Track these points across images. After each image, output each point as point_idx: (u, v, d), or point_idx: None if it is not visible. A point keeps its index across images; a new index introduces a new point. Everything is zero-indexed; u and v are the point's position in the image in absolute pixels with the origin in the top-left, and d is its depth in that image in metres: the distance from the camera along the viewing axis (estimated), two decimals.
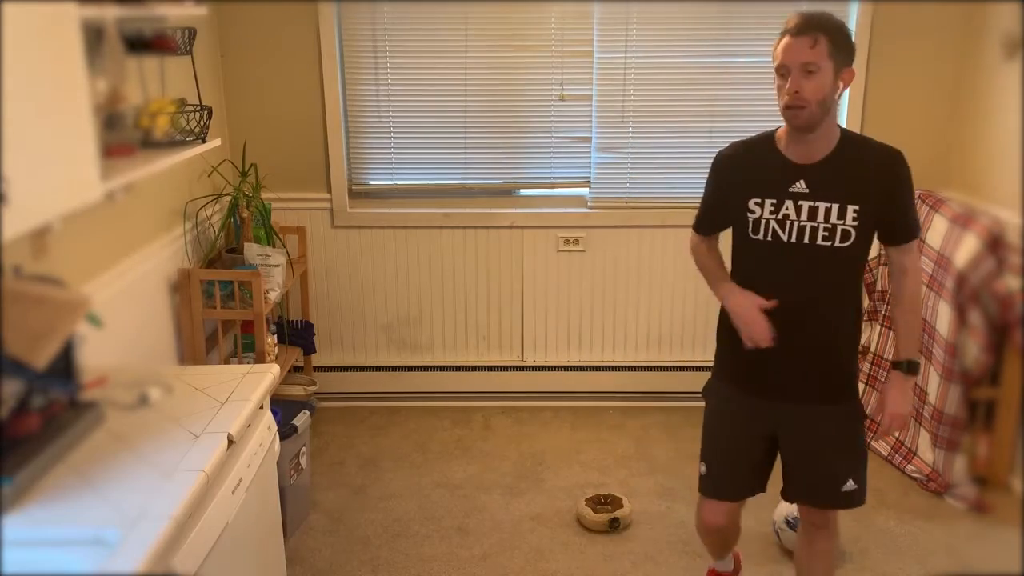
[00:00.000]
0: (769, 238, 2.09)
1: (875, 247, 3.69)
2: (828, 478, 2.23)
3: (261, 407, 2.11)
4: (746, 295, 2.13)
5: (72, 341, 1.75)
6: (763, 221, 2.09)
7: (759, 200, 2.09)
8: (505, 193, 3.88)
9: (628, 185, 3.81)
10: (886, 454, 3.47)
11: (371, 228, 3.85)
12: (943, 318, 3.17)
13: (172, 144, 2.53)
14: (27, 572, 1.41)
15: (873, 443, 3.55)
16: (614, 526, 3.01)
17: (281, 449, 2.37)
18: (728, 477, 2.33)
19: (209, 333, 3.20)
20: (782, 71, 1.99)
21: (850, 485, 2.22)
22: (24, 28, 1.54)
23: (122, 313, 2.63)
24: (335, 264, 3.89)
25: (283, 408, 2.93)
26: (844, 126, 3.65)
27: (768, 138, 2.14)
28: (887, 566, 2.83)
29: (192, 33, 2.73)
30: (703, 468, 2.34)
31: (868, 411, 3.22)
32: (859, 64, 3.61)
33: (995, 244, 3.00)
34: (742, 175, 2.15)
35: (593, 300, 3.90)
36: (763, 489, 2.35)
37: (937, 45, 3.61)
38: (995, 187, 3.35)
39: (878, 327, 3.68)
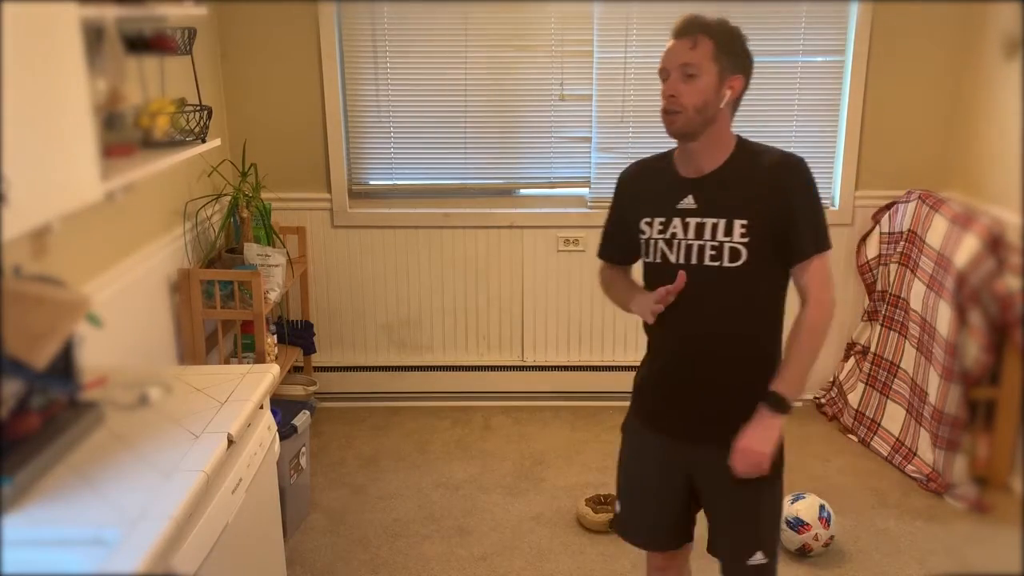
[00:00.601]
0: (658, 259, 1.89)
1: (875, 247, 3.72)
2: (733, 543, 1.99)
3: (261, 407, 2.11)
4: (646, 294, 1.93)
5: (72, 341, 1.75)
6: (652, 242, 1.90)
7: (649, 219, 1.91)
8: (505, 193, 3.88)
9: None
10: (886, 454, 3.47)
11: (371, 228, 3.85)
12: (943, 318, 3.17)
13: (172, 144, 2.53)
14: (27, 572, 1.41)
15: (872, 443, 3.55)
16: (614, 526, 3.01)
17: (281, 449, 2.37)
18: (640, 521, 2.10)
19: (209, 333, 3.20)
20: (662, 74, 1.86)
21: (757, 559, 1.95)
22: (24, 28, 1.54)
23: (122, 313, 2.63)
24: (335, 264, 3.89)
25: (283, 408, 2.93)
26: (844, 124, 3.70)
27: (669, 153, 1.98)
28: (887, 566, 2.84)
29: (192, 33, 2.73)
30: (617, 506, 2.14)
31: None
32: (859, 64, 3.62)
33: (995, 244, 3.00)
34: (638, 193, 1.98)
35: (593, 300, 3.90)
36: (688, 539, 2.11)
37: (937, 45, 3.61)
38: (995, 187, 3.35)
39: (878, 327, 3.69)
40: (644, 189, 1.97)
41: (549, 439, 3.68)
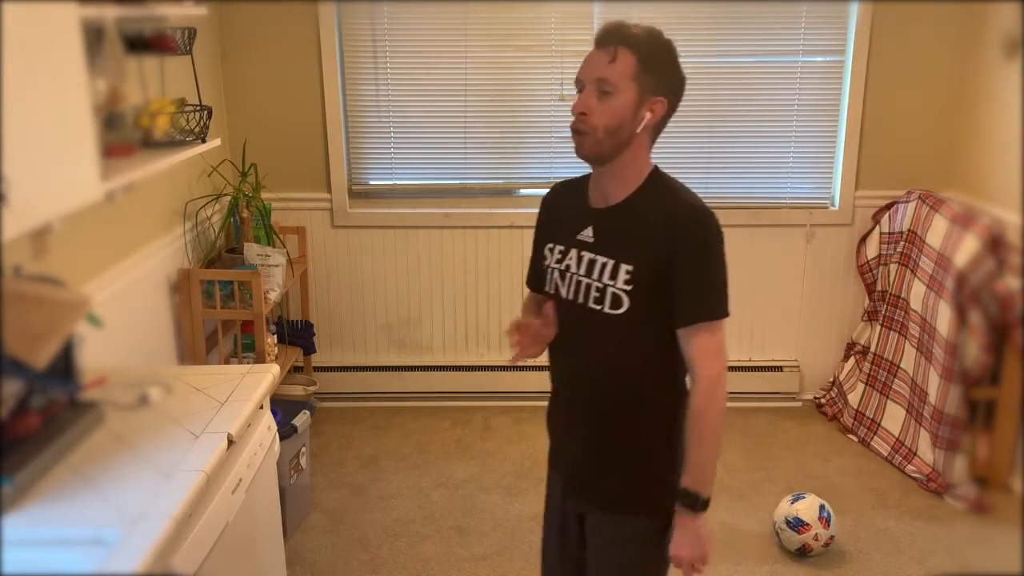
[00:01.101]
0: (551, 290, 1.74)
1: (874, 247, 3.72)
2: None
3: (261, 407, 2.11)
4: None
5: (72, 341, 1.75)
6: (549, 270, 1.74)
7: (552, 245, 1.75)
8: (505, 193, 3.88)
9: None
10: (886, 454, 3.47)
11: (371, 228, 3.85)
12: (943, 318, 3.17)
13: (172, 144, 2.53)
14: (27, 572, 1.41)
15: (872, 443, 3.55)
16: None
17: (281, 449, 2.37)
18: (548, 568, 1.96)
19: (209, 333, 3.20)
20: (577, 84, 1.65)
21: None
22: (24, 28, 1.54)
23: (122, 313, 2.63)
24: (335, 264, 3.89)
25: (283, 408, 2.93)
26: (844, 124, 3.70)
27: (580, 178, 1.80)
28: (887, 566, 2.84)
29: (192, 33, 2.73)
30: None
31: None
32: (859, 64, 3.62)
33: (995, 244, 3.00)
34: (550, 216, 1.81)
35: None
36: None
37: (937, 45, 3.61)
38: (995, 187, 3.35)
39: (878, 327, 3.69)
40: (556, 212, 1.78)
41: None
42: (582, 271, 1.68)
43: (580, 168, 1.79)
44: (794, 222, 3.82)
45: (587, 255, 1.68)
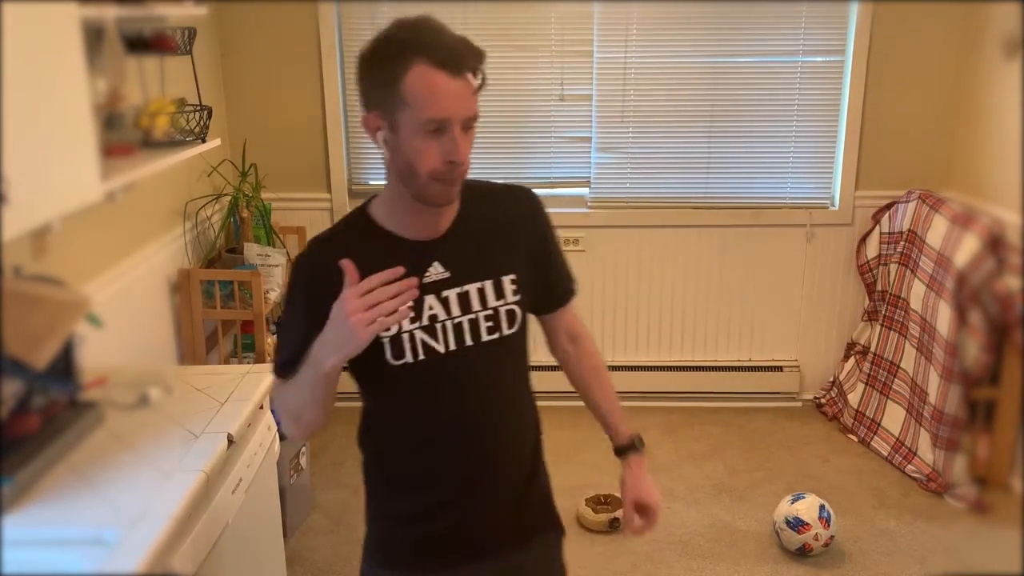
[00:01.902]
0: (421, 356, 1.41)
1: (874, 247, 3.72)
2: None
3: (261, 407, 2.11)
4: (334, 313, 1.29)
5: (72, 341, 1.75)
6: (404, 337, 1.40)
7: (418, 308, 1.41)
8: None
9: (628, 185, 3.81)
10: (886, 454, 3.47)
11: None
12: (943, 318, 3.17)
13: (172, 144, 2.53)
14: (27, 572, 1.41)
15: (872, 443, 3.55)
16: (614, 526, 3.01)
17: (281, 449, 2.37)
18: None
19: (209, 333, 3.20)
20: (438, 124, 1.31)
21: None
22: (24, 28, 1.54)
23: (122, 313, 2.63)
24: None
25: None
26: (844, 124, 3.70)
27: (362, 219, 1.47)
28: (887, 566, 2.84)
29: (192, 33, 2.73)
30: None
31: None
32: (859, 64, 3.62)
33: (995, 244, 3.00)
34: (333, 282, 1.30)
35: (593, 300, 3.90)
36: None
37: (937, 45, 3.61)
38: (995, 187, 3.35)
39: (878, 327, 3.69)
40: (363, 273, 1.29)
41: (549, 439, 3.67)
42: (455, 312, 1.43)
43: (580, 168, 1.76)
44: (794, 222, 3.82)
45: (452, 292, 1.43)
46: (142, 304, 2.81)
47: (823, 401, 3.91)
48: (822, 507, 2.85)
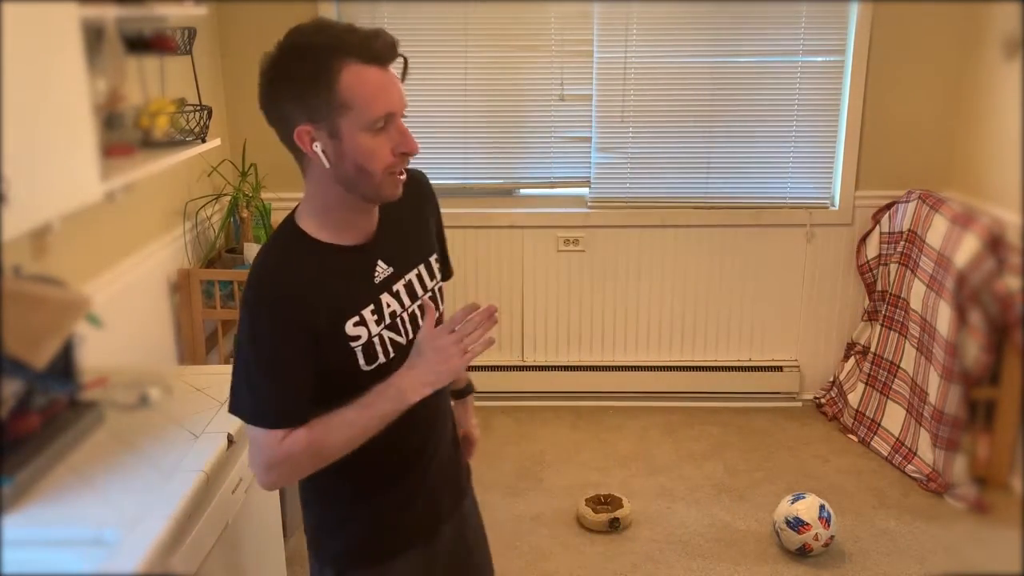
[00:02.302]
0: (392, 354, 1.44)
1: (875, 247, 3.72)
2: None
3: None
4: (415, 356, 1.38)
5: (72, 341, 1.75)
6: (375, 340, 1.42)
7: (357, 319, 1.40)
8: (505, 193, 3.88)
9: (628, 185, 3.81)
10: (886, 454, 3.47)
11: None
12: (943, 318, 3.17)
13: (172, 144, 2.53)
14: (27, 572, 1.41)
15: (872, 443, 3.56)
16: (614, 526, 3.01)
17: None
18: None
19: (209, 333, 3.20)
20: (382, 123, 1.36)
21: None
22: (24, 28, 1.54)
23: (122, 313, 2.63)
24: None
25: None
26: (844, 124, 3.70)
27: (296, 236, 1.40)
28: (887, 566, 2.84)
29: (192, 33, 2.73)
30: None
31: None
32: (859, 64, 3.62)
33: (995, 244, 3.00)
34: (316, 299, 1.36)
35: (593, 300, 3.90)
36: None
37: (937, 45, 3.61)
38: (995, 187, 3.35)
39: (878, 327, 3.69)
40: (326, 290, 1.37)
41: (549, 439, 3.68)
42: (407, 302, 1.48)
43: (580, 168, 1.76)
44: (794, 222, 3.82)
45: (398, 285, 1.47)
46: (142, 304, 2.81)
47: (823, 401, 3.91)
48: (822, 507, 2.85)
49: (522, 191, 3.88)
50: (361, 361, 1.41)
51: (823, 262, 3.87)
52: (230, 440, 1.83)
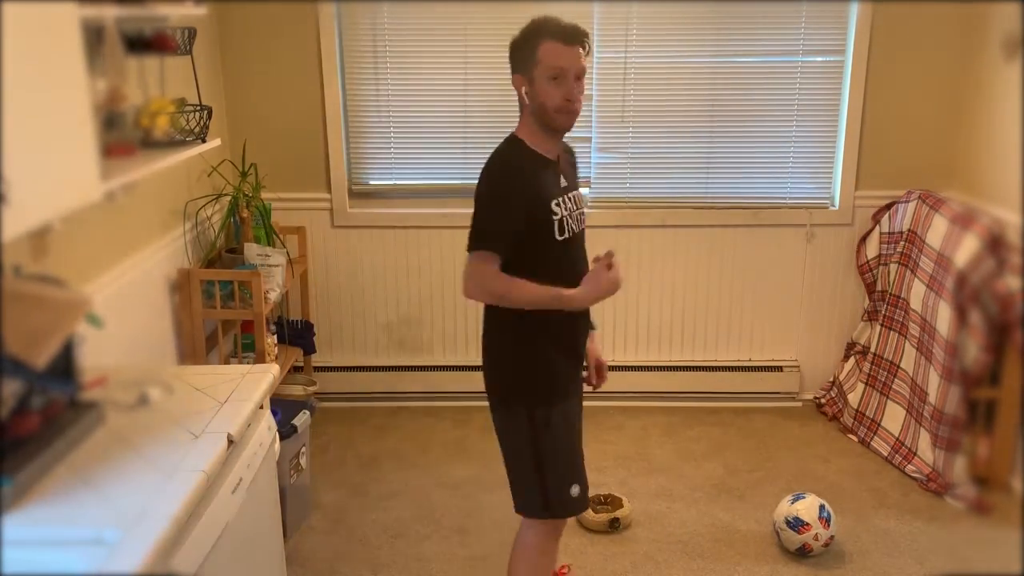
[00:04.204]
0: (568, 234, 2.15)
1: (875, 247, 3.72)
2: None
3: (261, 407, 2.11)
4: (586, 282, 2.08)
5: (72, 341, 1.75)
6: (564, 220, 2.13)
7: (557, 201, 2.12)
8: None
9: (628, 185, 3.81)
10: (886, 454, 3.47)
11: (371, 228, 3.85)
12: (943, 318, 3.17)
13: (172, 144, 2.53)
14: (27, 572, 1.41)
15: (872, 443, 3.56)
16: (614, 526, 3.01)
17: (281, 449, 2.37)
18: (587, 484, 2.29)
19: (209, 333, 3.20)
20: (557, 74, 2.04)
21: None
22: (24, 28, 1.54)
23: (122, 313, 2.63)
24: (335, 264, 3.89)
25: (283, 408, 2.93)
26: (844, 124, 3.70)
27: (517, 142, 2.16)
28: (887, 566, 2.84)
29: (192, 33, 2.73)
30: (576, 490, 2.23)
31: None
32: (859, 64, 3.63)
33: (995, 244, 3.00)
34: (538, 182, 2.11)
35: None
36: None
37: (937, 45, 3.61)
38: (995, 187, 3.35)
39: (878, 327, 3.69)
40: (538, 177, 2.13)
41: None
42: (574, 208, 2.18)
43: (582, 167, 1.83)
44: (794, 222, 3.82)
45: (569, 194, 2.17)
46: (142, 304, 2.81)
47: (823, 401, 3.91)
48: (822, 507, 2.85)
49: None
50: (555, 231, 2.11)
51: (823, 262, 3.87)
52: (230, 440, 1.83)
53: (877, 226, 3.74)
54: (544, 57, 2.05)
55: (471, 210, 4.17)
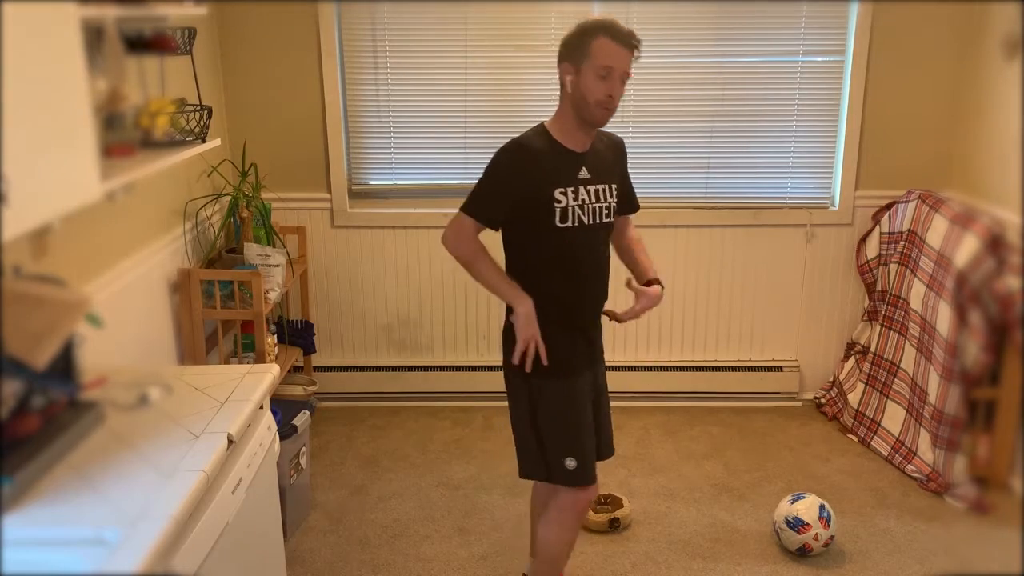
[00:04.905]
0: (575, 223, 2.23)
1: (875, 247, 3.72)
2: (608, 428, 2.52)
3: (261, 407, 2.11)
4: (527, 319, 2.23)
5: (72, 341, 1.75)
6: (569, 208, 2.21)
7: (563, 190, 2.21)
8: None
9: None
10: (886, 454, 3.47)
11: (371, 228, 3.85)
12: (943, 318, 3.17)
13: (172, 144, 2.53)
14: (27, 572, 1.41)
15: (872, 443, 3.56)
16: (614, 526, 3.01)
17: (281, 449, 2.37)
18: (592, 456, 2.38)
19: (209, 333, 3.20)
20: (604, 73, 2.13)
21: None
22: (24, 28, 1.54)
23: (122, 313, 2.63)
24: (335, 264, 3.89)
25: (283, 408, 2.93)
26: (844, 124, 3.70)
27: (542, 130, 2.26)
28: (887, 566, 2.84)
29: (192, 33, 2.73)
30: (572, 463, 2.31)
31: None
32: (859, 64, 3.63)
33: (995, 244, 3.00)
34: (546, 168, 2.21)
35: None
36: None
37: (937, 45, 3.61)
38: (995, 187, 3.35)
39: (878, 327, 3.68)
40: (549, 163, 2.21)
41: None
42: (593, 199, 2.25)
43: None
44: (794, 222, 3.82)
45: (592, 186, 2.26)
46: (142, 304, 2.81)
47: (823, 401, 3.91)
48: (822, 507, 2.85)
49: None
50: (557, 219, 2.20)
51: (823, 262, 3.87)
52: (230, 440, 1.83)
53: (877, 226, 3.74)
54: (596, 52, 2.13)
55: None
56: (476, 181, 2.26)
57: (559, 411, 2.31)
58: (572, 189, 2.21)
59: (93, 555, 1.43)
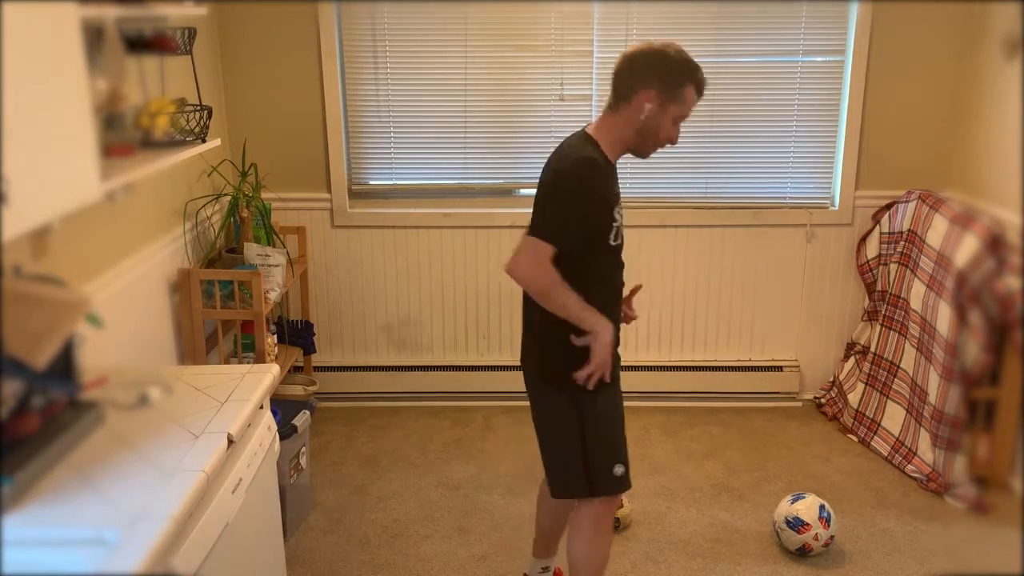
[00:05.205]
0: (620, 241, 2.24)
1: (875, 247, 3.72)
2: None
3: (261, 407, 2.11)
4: (603, 342, 2.15)
5: (72, 341, 1.75)
6: (620, 227, 2.23)
7: (619, 208, 2.23)
8: (505, 193, 3.88)
9: (628, 185, 3.81)
10: (886, 454, 3.47)
11: (371, 228, 3.85)
12: (943, 318, 3.17)
13: (172, 144, 2.53)
14: (27, 572, 1.41)
15: (872, 443, 3.56)
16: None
17: (281, 449, 2.37)
18: (629, 463, 2.37)
19: (209, 333, 3.20)
20: (679, 120, 2.20)
21: None
22: (24, 28, 1.54)
23: (122, 313, 2.63)
24: (335, 264, 3.89)
25: (283, 408, 2.93)
26: (844, 124, 3.70)
27: (595, 144, 2.19)
28: (887, 566, 2.84)
29: (192, 33, 2.73)
30: (620, 469, 2.29)
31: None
32: (859, 64, 3.63)
33: (995, 244, 3.00)
34: (608, 186, 2.19)
35: None
36: None
37: (937, 45, 3.61)
38: (995, 187, 3.35)
39: (878, 327, 3.69)
40: (610, 181, 2.21)
41: None
42: (622, 216, 2.26)
43: None
44: (794, 222, 3.82)
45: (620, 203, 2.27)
46: (142, 304, 2.81)
47: (823, 401, 3.91)
48: (822, 507, 2.85)
49: (522, 191, 3.88)
50: (611, 237, 2.18)
51: (823, 262, 3.87)
52: (230, 440, 1.83)
53: (877, 226, 3.74)
54: (686, 99, 2.18)
55: (471, 210, 4.20)
56: (542, 202, 2.16)
57: (608, 418, 2.28)
58: (619, 207, 2.22)
59: (93, 555, 1.43)
